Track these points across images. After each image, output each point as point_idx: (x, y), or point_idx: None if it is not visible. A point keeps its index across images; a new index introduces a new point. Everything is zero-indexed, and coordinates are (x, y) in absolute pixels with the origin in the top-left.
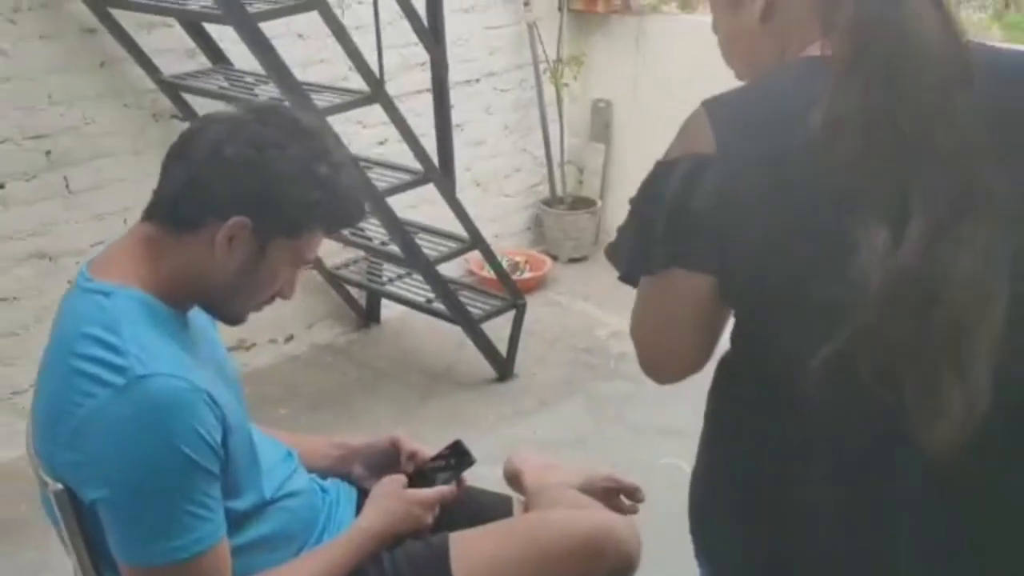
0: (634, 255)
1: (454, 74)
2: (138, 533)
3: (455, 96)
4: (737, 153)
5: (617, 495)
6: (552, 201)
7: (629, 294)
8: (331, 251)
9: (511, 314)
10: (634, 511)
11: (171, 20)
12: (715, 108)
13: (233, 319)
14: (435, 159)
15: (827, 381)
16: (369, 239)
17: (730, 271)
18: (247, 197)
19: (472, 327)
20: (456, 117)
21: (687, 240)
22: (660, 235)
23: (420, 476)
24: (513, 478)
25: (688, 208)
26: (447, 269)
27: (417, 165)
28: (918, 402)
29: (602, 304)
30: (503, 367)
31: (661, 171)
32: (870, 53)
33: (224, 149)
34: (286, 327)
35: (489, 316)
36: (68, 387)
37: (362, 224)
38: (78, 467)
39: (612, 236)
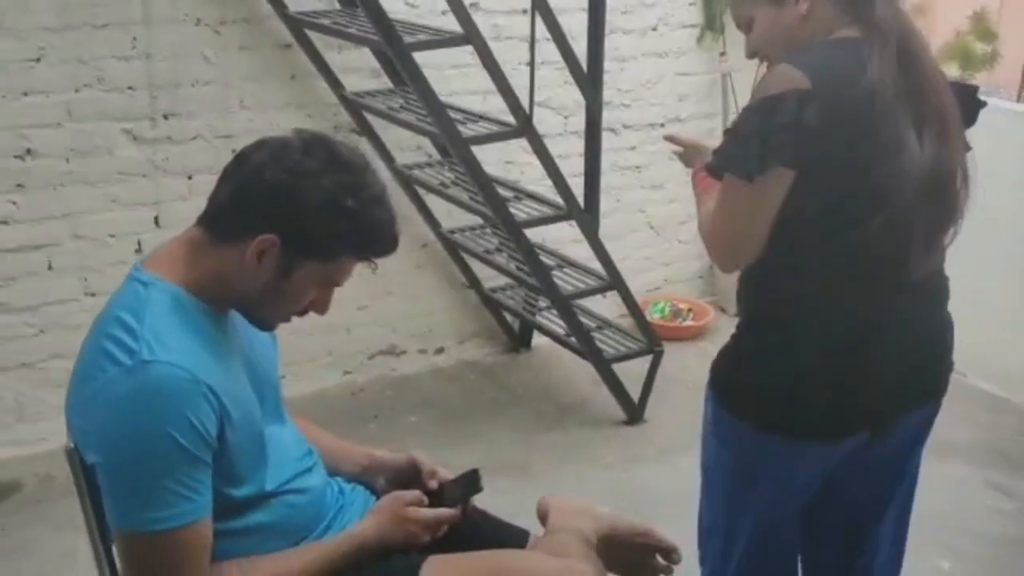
0: (742, 158)
1: (638, 116)
2: (123, 500)
3: (637, 138)
4: (827, 90)
5: (653, 553)
6: None
7: None
8: (489, 274)
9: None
10: (668, 572)
11: None
12: (799, 62)
13: (261, 325)
14: (581, 198)
15: (879, 238)
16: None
17: (820, 169)
18: (278, 219)
19: (603, 366)
20: (636, 159)
21: (800, 147)
22: (776, 144)
23: (436, 496)
24: (541, 515)
25: (802, 124)
26: (602, 307)
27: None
28: (922, 246)
29: None
30: (633, 410)
31: (772, 101)
32: (895, 37)
33: (265, 172)
34: (438, 340)
35: (623, 358)
36: (91, 361)
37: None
38: (84, 433)
39: None
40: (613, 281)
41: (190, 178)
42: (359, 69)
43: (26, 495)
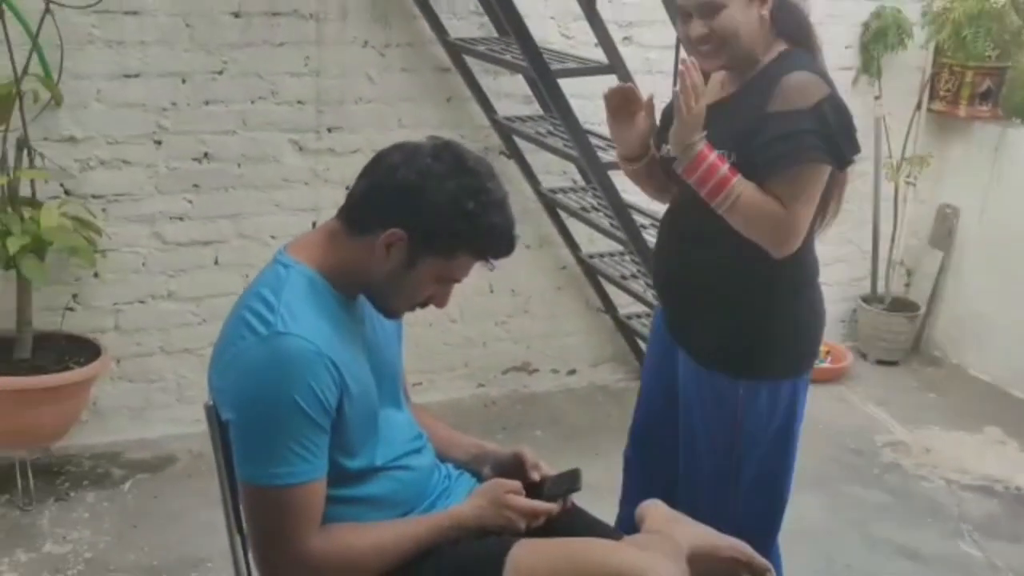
0: (835, 150)
1: None
2: (249, 454)
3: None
4: (834, 89)
5: (744, 571)
6: (871, 298)
7: (934, 413)
8: (625, 301)
9: None
10: None
11: None
12: (810, 68)
13: (386, 312)
14: None
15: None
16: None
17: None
18: (406, 215)
19: None
20: None
21: (855, 140)
22: (846, 139)
23: (536, 488)
24: (639, 520)
25: (851, 120)
26: None
27: None
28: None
29: (896, 413)
30: None
31: (827, 104)
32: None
33: (397, 173)
34: (571, 361)
35: None
36: (234, 329)
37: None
38: (221, 392)
39: (934, 345)
40: None
41: (347, 188)
42: (511, 95)
43: (179, 469)
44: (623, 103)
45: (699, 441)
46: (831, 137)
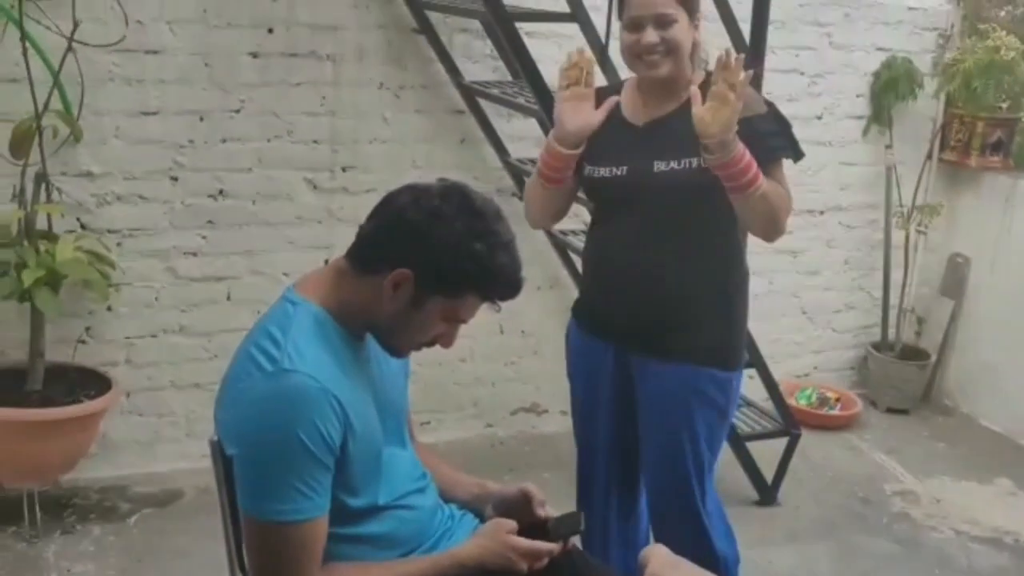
0: (792, 150)
1: (797, 202)
2: (252, 489)
3: (795, 223)
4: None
5: None
6: (881, 346)
7: (944, 463)
8: None
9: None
10: None
11: None
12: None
13: (392, 351)
14: None
15: None
16: None
17: None
18: (414, 255)
19: (736, 442)
20: (793, 243)
21: None
22: (795, 139)
23: (540, 529)
24: (642, 563)
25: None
26: (748, 389)
27: None
28: None
29: (906, 462)
30: (766, 492)
31: (774, 108)
32: None
33: (406, 213)
34: None
35: (756, 436)
36: (240, 365)
37: None
38: (226, 427)
39: (945, 395)
40: (754, 360)
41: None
42: (524, 137)
43: (185, 504)
44: (578, 81)
45: (677, 440)
46: (790, 135)
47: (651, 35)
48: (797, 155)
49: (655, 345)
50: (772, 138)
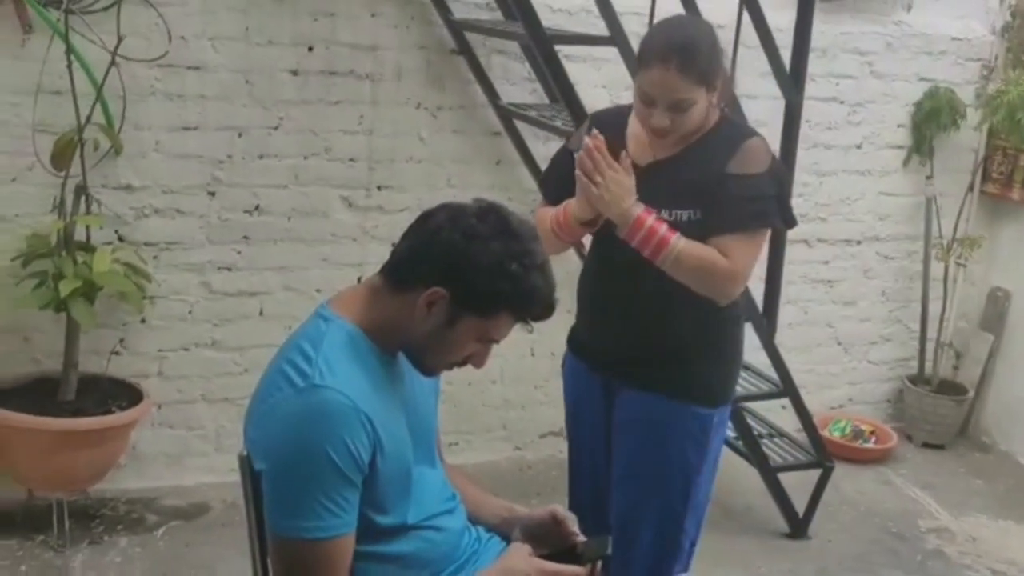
0: (787, 213)
1: (834, 231)
2: (280, 505)
3: (831, 252)
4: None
5: None
6: (918, 379)
7: (981, 501)
8: None
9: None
10: None
11: None
12: (754, 132)
13: (424, 370)
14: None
15: None
16: None
17: None
18: (449, 275)
19: (768, 473)
20: (828, 273)
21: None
22: (788, 204)
23: (570, 553)
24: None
25: (791, 181)
26: (780, 419)
27: None
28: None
29: (941, 498)
30: (797, 525)
31: (777, 167)
32: None
33: (442, 233)
34: None
35: (788, 468)
36: (272, 380)
37: None
38: (255, 442)
39: (982, 431)
40: (786, 389)
41: (394, 245)
42: None
43: (212, 518)
44: (592, 173)
45: (658, 472)
46: (784, 200)
47: (662, 118)
48: (787, 221)
49: (635, 376)
50: (756, 202)
